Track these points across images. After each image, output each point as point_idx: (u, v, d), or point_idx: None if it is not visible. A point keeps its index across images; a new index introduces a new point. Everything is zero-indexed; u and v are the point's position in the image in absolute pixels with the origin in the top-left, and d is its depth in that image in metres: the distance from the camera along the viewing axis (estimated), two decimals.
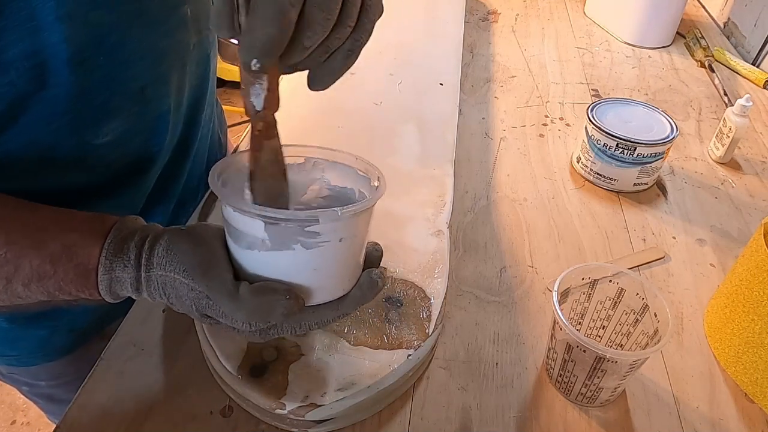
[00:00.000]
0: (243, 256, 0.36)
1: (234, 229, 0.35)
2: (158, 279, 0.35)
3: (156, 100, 0.49)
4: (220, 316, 0.35)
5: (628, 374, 0.43)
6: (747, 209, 0.69)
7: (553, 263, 0.60)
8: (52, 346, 0.58)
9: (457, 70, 0.87)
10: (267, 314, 0.34)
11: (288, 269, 0.35)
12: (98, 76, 0.42)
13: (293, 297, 0.34)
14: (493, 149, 0.77)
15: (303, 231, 0.34)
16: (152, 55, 0.46)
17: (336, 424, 0.43)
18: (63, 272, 0.36)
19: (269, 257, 0.35)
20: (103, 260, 0.36)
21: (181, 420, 0.44)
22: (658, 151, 0.67)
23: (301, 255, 0.34)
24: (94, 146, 0.45)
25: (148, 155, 0.52)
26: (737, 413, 0.47)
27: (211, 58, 0.58)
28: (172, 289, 0.36)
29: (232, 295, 0.34)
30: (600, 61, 1.01)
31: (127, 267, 0.36)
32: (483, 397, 0.47)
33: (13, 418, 1.41)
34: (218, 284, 0.35)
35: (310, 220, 0.33)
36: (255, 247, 0.34)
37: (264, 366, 0.43)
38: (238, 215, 0.34)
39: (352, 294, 0.38)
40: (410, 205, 0.59)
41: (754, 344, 0.47)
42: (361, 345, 0.45)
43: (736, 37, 1.10)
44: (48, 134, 0.42)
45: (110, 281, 0.36)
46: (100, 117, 0.44)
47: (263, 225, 0.33)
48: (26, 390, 0.65)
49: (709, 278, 0.59)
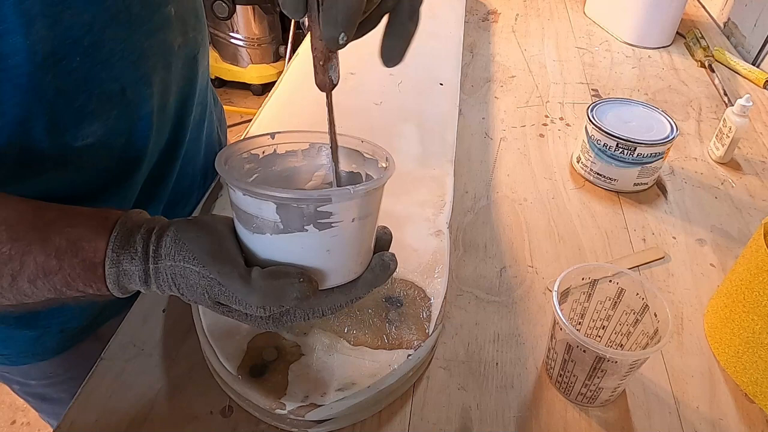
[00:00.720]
0: (254, 241, 0.35)
1: (244, 214, 0.34)
2: (167, 270, 0.35)
3: (138, 102, 0.48)
4: (233, 302, 0.35)
5: (628, 374, 0.43)
6: (747, 209, 0.69)
7: (553, 263, 0.60)
8: (42, 346, 0.58)
9: (457, 70, 0.87)
10: (280, 298, 0.34)
11: (301, 252, 0.35)
12: (75, 77, 0.41)
13: (307, 280, 0.34)
14: (493, 149, 0.77)
15: (315, 211, 0.33)
16: (133, 56, 0.45)
17: (336, 424, 0.43)
18: (69, 267, 0.35)
19: (281, 241, 0.34)
20: (109, 253, 0.35)
21: (181, 420, 0.44)
22: (658, 151, 0.67)
23: (313, 237, 0.34)
24: (74, 149, 0.45)
25: (133, 158, 0.51)
26: (737, 413, 0.47)
27: (199, 59, 0.57)
28: (182, 278, 0.35)
29: (245, 280, 0.34)
30: (600, 61, 1.01)
31: (134, 260, 0.35)
32: (483, 397, 0.47)
33: (13, 418, 1.41)
34: (230, 269, 0.34)
35: (322, 199, 0.33)
36: (266, 230, 0.34)
37: (264, 366, 0.43)
38: (248, 199, 0.33)
39: (364, 277, 0.37)
40: (410, 205, 0.59)
41: (754, 344, 0.47)
42: (361, 345, 0.45)
43: (736, 37, 1.10)
44: (25, 136, 0.41)
45: (118, 275, 0.35)
46: (79, 119, 0.43)
47: (275, 207, 0.33)
48: (17, 389, 0.65)
49: (709, 278, 0.59)
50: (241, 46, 2.32)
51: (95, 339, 0.60)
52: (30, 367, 0.60)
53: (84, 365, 0.48)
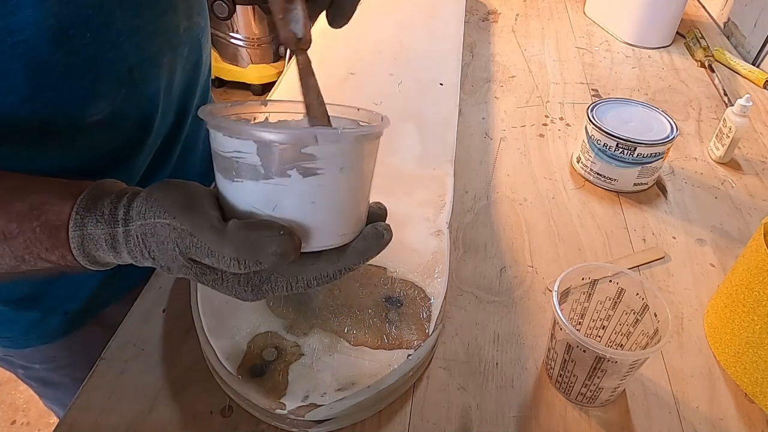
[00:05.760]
0: (233, 191, 0.33)
1: (224, 159, 0.32)
2: (138, 231, 0.33)
3: (144, 82, 0.48)
4: (205, 255, 0.32)
5: (628, 374, 0.43)
6: (747, 209, 0.69)
7: (553, 263, 0.60)
8: (45, 328, 0.58)
9: (457, 70, 0.87)
10: (257, 251, 0.31)
11: (283, 202, 0.32)
12: (84, 55, 0.41)
13: (288, 233, 0.31)
14: (493, 149, 0.77)
15: (299, 153, 0.31)
16: (139, 37, 0.46)
17: (336, 424, 0.43)
18: (29, 231, 0.34)
19: (262, 188, 0.32)
20: (74, 215, 0.34)
21: (181, 420, 0.44)
22: (658, 151, 0.67)
23: (297, 184, 0.31)
24: (81, 127, 0.45)
25: (138, 139, 0.52)
26: (737, 413, 0.47)
27: (203, 44, 0.58)
28: (152, 237, 0.33)
29: (218, 230, 0.32)
30: (600, 61, 1.01)
31: (100, 222, 0.33)
32: (483, 397, 0.47)
33: (13, 418, 1.41)
34: (202, 219, 0.32)
35: (306, 138, 0.31)
36: (246, 176, 0.32)
37: (264, 366, 0.43)
38: (228, 140, 0.31)
39: (354, 245, 0.35)
40: (410, 205, 0.59)
41: (754, 344, 0.47)
42: (361, 345, 0.45)
43: (736, 37, 1.10)
44: (33, 113, 0.41)
45: (82, 239, 0.34)
46: (87, 97, 0.44)
47: (255, 147, 0.31)
48: (21, 373, 0.66)
49: (709, 278, 0.59)
50: (241, 46, 2.32)
51: (97, 324, 0.61)
52: (33, 350, 0.60)
53: (86, 350, 0.48)
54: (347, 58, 0.87)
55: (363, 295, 0.48)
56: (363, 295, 0.48)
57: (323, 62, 0.86)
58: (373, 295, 0.48)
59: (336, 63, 0.85)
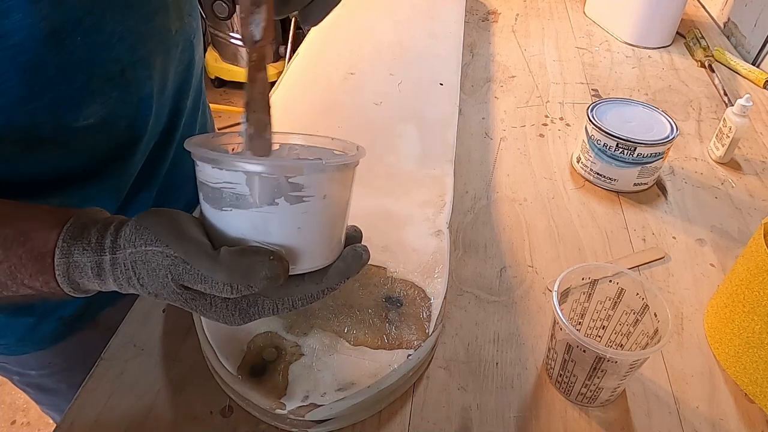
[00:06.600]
0: (222, 219, 0.34)
1: (212, 190, 0.33)
2: (127, 259, 0.34)
3: (137, 84, 0.49)
4: (198, 281, 0.33)
5: (628, 374, 0.43)
6: (747, 209, 0.69)
7: (553, 263, 0.60)
8: (40, 334, 0.58)
9: (457, 70, 0.87)
10: (249, 276, 0.32)
11: (271, 229, 0.33)
12: (76, 57, 0.42)
13: (277, 258, 0.32)
14: (493, 149, 0.77)
15: (287, 183, 0.32)
16: (132, 39, 0.46)
17: (336, 424, 0.44)
18: (15, 257, 0.34)
19: (250, 217, 0.33)
20: (60, 243, 0.34)
21: (181, 420, 0.44)
22: (658, 151, 0.67)
23: (284, 211, 0.33)
24: (75, 129, 0.45)
25: (132, 140, 0.52)
26: (737, 413, 0.47)
27: (195, 44, 0.58)
28: (143, 264, 0.33)
29: (211, 256, 0.32)
30: (600, 61, 1.01)
31: (86, 250, 0.34)
32: (483, 397, 0.47)
33: (13, 418, 1.41)
34: (195, 246, 0.33)
35: (294, 168, 0.32)
36: (235, 206, 0.33)
37: (264, 366, 0.43)
38: (217, 171, 0.33)
39: (336, 265, 0.36)
40: (410, 205, 0.59)
41: (754, 344, 0.47)
42: (361, 345, 0.45)
43: (736, 37, 1.10)
44: (26, 115, 0.41)
45: (68, 266, 0.34)
46: (80, 99, 0.44)
47: (245, 178, 0.32)
48: (17, 379, 0.66)
49: (709, 278, 0.59)
50: (241, 46, 2.31)
51: (93, 328, 0.60)
52: (29, 356, 0.60)
53: (82, 355, 0.48)
54: (347, 58, 0.87)
55: (363, 295, 0.48)
56: (363, 295, 0.48)
57: (323, 62, 0.86)
58: (373, 295, 0.48)
59: (336, 63, 0.85)
